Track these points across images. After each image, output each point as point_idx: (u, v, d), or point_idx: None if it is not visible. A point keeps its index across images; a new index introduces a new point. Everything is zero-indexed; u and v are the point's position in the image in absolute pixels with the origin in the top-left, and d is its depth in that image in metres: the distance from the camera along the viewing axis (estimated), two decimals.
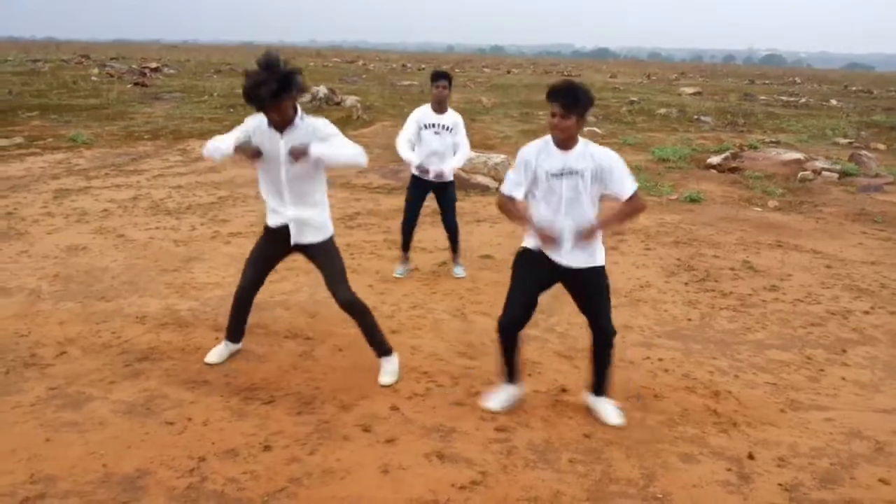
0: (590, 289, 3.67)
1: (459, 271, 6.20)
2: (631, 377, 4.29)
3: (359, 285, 5.73)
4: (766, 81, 53.10)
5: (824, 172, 11.60)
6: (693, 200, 9.61)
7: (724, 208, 9.36)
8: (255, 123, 3.76)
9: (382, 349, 4.20)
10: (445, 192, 5.94)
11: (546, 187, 3.53)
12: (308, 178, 3.83)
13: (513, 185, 3.63)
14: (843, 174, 11.62)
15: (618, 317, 4.18)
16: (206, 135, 14.32)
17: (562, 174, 3.48)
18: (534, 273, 3.67)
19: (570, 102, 3.34)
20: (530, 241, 3.68)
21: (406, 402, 3.95)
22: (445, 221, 6.08)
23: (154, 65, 38.22)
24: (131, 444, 3.43)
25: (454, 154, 5.78)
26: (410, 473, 3.29)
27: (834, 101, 30.74)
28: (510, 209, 3.68)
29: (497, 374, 4.00)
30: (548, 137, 3.52)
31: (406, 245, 6.15)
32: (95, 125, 15.22)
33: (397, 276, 6.13)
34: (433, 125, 5.70)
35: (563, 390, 4.15)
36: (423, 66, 58.89)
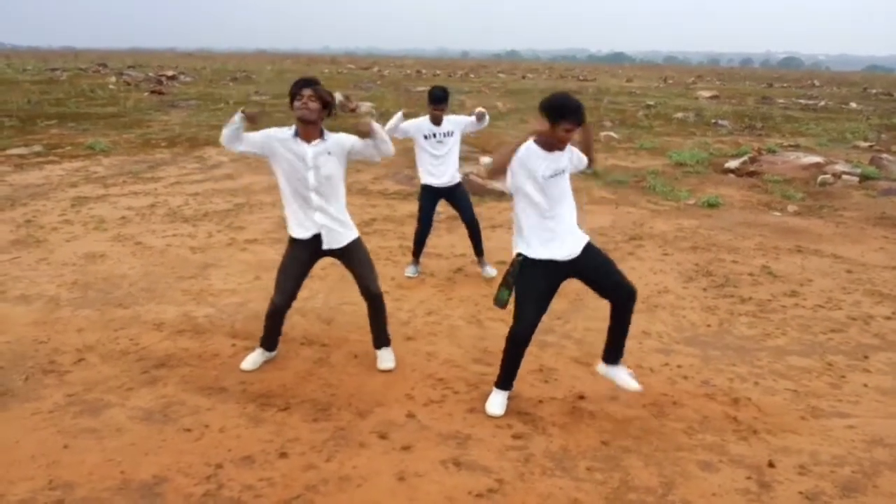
0: (595, 261, 3.78)
1: (489, 270, 6.23)
2: (650, 384, 4.25)
3: None
4: (785, 84, 52.69)
5: (844, 176, 11.46)
6: (711, 205, 9.53)
7: (742, 213, 9.27)
8: (275, 133, 4.01)
9: (386, 340, 4.50)
10: (456, 193, 6.00)
11: (539, 188, 3.66)
12: (336, 179, 4.08)
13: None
14: (864, 178, 11.46)
15: (636, 323, 4.15)
16: None
17: (555, 175, 3.68)
18: (544, 281, 3.73)
19: (583, 118, 3.56)
20: (529, 250, 3.71)
21: (422, 408, 3.94)
22: (465, 220, 6.11)
23: (170, 73, 38.56)
24: (149, 451, 3.44)
25: (457, 157, 5.93)
26: (427, 481, 3.28)
27: (853, 104, 30.39)
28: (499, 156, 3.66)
29: (497, 379, 3.98)
30: (528, 144, 3.63)
31: (417, 253, 6.23)
32: (113, 133, 15.37)
33: (408, 276, 6.20)
34: (434, 135, 5.84)
35: (581, 397, 4.12)
36: (438, 71, 59.02)
